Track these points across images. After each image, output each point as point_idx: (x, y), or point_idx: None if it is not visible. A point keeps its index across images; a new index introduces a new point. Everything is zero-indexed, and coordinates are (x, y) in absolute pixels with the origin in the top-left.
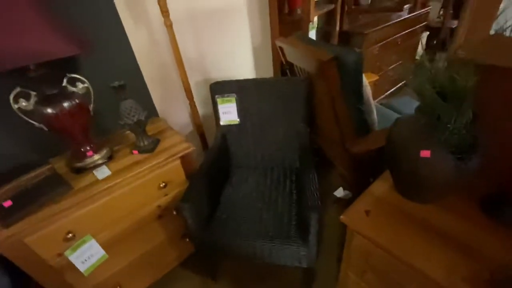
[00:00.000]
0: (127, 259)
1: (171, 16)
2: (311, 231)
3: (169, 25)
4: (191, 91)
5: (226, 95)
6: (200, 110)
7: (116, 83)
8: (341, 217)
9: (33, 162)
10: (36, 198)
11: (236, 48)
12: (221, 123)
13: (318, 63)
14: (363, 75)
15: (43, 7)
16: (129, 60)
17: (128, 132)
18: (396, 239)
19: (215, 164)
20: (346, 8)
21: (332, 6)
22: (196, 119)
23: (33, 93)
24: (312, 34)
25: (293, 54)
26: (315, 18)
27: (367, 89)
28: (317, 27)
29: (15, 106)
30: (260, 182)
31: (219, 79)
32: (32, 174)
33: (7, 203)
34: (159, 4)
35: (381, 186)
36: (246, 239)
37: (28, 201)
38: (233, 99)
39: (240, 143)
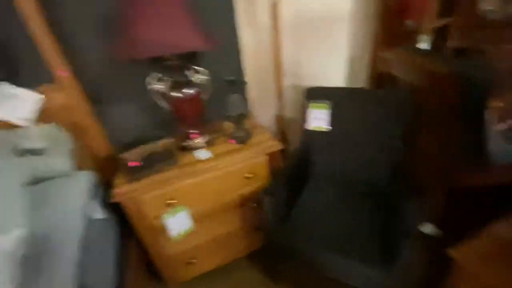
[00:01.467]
0: (206, 236)
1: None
2: (400, 258)
3: (277, 29)
4: (283, 94)
5: (319, 100)
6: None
7: (231, 77)
8: (452, 252)
9: (156, 135)
10: (154, 164)
11: (330, 56)
12: (309, 128)
13: (435, 77)
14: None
15: (188, 9)
16: (236, 60)
17: (224, 122)
18: None
19: (296, 167)
20: (464, 21)
21: (449, 19)
22: (281, 121)
23: (165, 78)
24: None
25: (401, 67)
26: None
27: (491, 113)
28: (428, 41)
29: (151, 87)
30: (340, 194)
31: (308, 85)
32: (155, 144)
33: (134, 163)
34: (273, 7)
35: (507, 228)
36: (318, 248)
37: (147, 166)
38: (327, 105)
39: (325, 151)
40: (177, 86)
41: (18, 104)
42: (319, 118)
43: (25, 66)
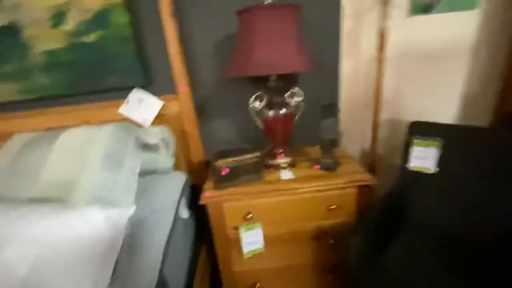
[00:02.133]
0: (274, 263)
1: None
2: None
3: (382, 59)
4: (378, 127)
5: (427, 137)
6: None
7: (327, 102)
8: None
9: (247, 149)
10: (241, 176)
11: (440, 91)
12: (410, 166)
13: None
14: None
15: (298, 34)
16: (333, 86)
17: (309, 148)
18: None
19: (388, 210)
20: None
21: None
22: (373, 156)
23: (265, 97)
24: None
25: None
26: None
27: None
28: None
29: (251, 105)
30: (439, 254)
31: (409, 120)
32: (245, 157)
33: (225, 171)
34: (380, 37)
35: None
36: None
37: (235, 176)
38: (437, 143)
39: (427, 198)
40: (273, 106)
41: (146, 108)
42: (423, 158)
43: (158, 77)
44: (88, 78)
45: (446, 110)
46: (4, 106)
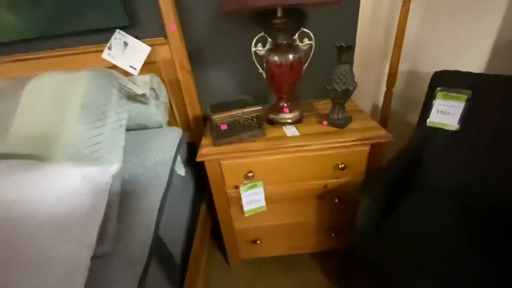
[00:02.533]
0: (276, 221)
1: None
2: None
3: (406, 1)
4: (395, 78)
5: (454, 89)
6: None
7: (343, 43)
8: None
9: (248, 101)
10: (241, 131)
11: (471, 40)
12: (430, 122)
13: None
14: None
15: None
16: (349, 27)
17: (318, 102)
18: None
19: (401, 169)
20: None
21: None
22: (386, 111)
23: (269, 39)
24: None
25: None
26: None
27: None
28: None
29: (253, 49)
30: (457, 217)
31: (429, 72)
32: (246, 110)
33: (223, 126)
34: None
35: None
36: (417, 274)
37: (235, 132)
38: (465, 96)
39: (447, 157)
40: (278, 49)
41: (132, 53)
42: (447, 113)
43: (143, 16)
44: (62, 17)
45: (473, 63)
46: None
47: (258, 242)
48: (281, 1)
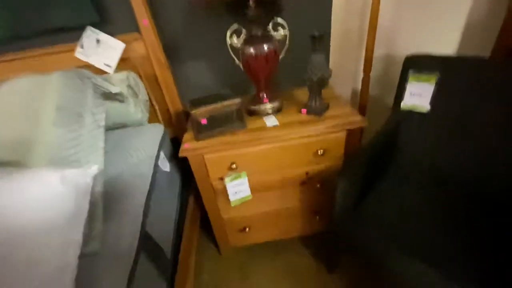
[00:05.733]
0: (262, 208)
1: None
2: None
3: None
4: (371, 63)
5: (425, 72)
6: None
7: (316, 33)
8: None
9: (227, 95)
10: (222, 125)
11: (442, 21)
12: (404, 105)
13: None
14: None
15: None
16: (323, 15)
17: (298, 90)
18: None
19: (378, 152)
20: None
21: None
22: (364, 96)
23: (244, 30)
24: None
25: None
26: None
27: None
28: None
29: (228, 41)
30: (430, 192)
31: (404, 55)
32: (225, 103)
33: (204, 121)
34: None
35: None
36: (393, 249)
37: (216, 125)
38: (434, 78)
39: (420, 137)
40: (253, 40)
41: (106, 51)
42: (418, 95)
43: (114, 11)
44: (29, 15)
45: (446, 44)
46: None
47: (247, 230)
48: None
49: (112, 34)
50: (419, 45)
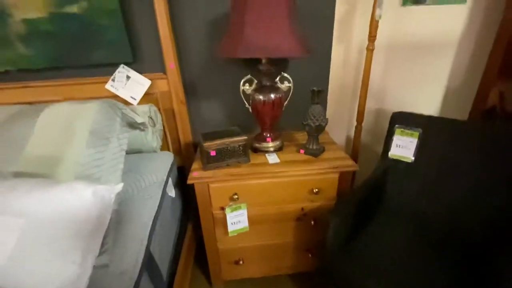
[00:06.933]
0: (257, 241)
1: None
2: None
3: (370, 50)
4: (363, 115)
5: (409, 127)
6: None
7: (316, 88)
8: None
9: (235, 131)
10: (228, 157)
11: (426, 83)
12: (391, 154)
13: None
14: None
15: (291, 17)
16: (324, 72)
17: (297, 133)
18: None
19: (367, 195)
20: None
21: None
22: (356, 143)
23: (255, 81)
24: None
25: None
26: None
27: None
28: None
29: (241, 88)
30: (414, 236)
31: (394, 110)
32: (233, 139)
33: (213, 153)
34: (370, 28)
35: None
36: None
37: (223, 157)
38: (417, 133)
39: (405, 185)
40: (263, 89)
41: (134, 85)
42: (403, 147)
43: (146, 54)
44: (72, 51)
45: (429, 102)
46: None
47: (241, 262)
48: (262, 54)
49: (140, 72)
50: (406, 101)
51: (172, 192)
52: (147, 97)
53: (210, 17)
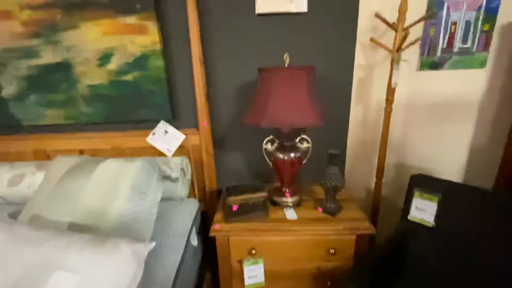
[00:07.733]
0: None
1: None
2: None
3: (388, 112)
4: (383, 172)
5: (427, 191)
6: None
7: (333, 151)
8: None
9: (257, 187)
10: (249, 212)
11: (449, 141)
12: (410, 217)
13: None
14: None
15: (311, 89)
16: (342, 134)
17: (314, 186)
18: None
19: (386, 258)
20: None
21: None
22: (377, 198)
23: (276, 141)
24: None
25: None
26: None
27: None
28: None
29: (264, 147)
30: None
31: (415, 168)
32: (255, 195)
33: (235, 207)
34: (387, 93)
35: None
36: None
37: (244, 212)
38: (436, 198)
39: (426, 250)
40: (283, 149)
41: (170, 139)
42: (423, 210)
43: (183, 113)
44: (123, 110)
45: (451, 160)
46: (49, 127)
47: None
48: (283, 126)
49: (177, 127)
50: (427, 156)
51: (195, 241)
52: (181, 149)
53: (239, 85)
